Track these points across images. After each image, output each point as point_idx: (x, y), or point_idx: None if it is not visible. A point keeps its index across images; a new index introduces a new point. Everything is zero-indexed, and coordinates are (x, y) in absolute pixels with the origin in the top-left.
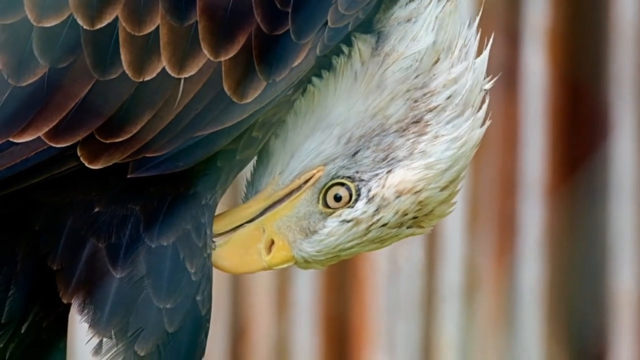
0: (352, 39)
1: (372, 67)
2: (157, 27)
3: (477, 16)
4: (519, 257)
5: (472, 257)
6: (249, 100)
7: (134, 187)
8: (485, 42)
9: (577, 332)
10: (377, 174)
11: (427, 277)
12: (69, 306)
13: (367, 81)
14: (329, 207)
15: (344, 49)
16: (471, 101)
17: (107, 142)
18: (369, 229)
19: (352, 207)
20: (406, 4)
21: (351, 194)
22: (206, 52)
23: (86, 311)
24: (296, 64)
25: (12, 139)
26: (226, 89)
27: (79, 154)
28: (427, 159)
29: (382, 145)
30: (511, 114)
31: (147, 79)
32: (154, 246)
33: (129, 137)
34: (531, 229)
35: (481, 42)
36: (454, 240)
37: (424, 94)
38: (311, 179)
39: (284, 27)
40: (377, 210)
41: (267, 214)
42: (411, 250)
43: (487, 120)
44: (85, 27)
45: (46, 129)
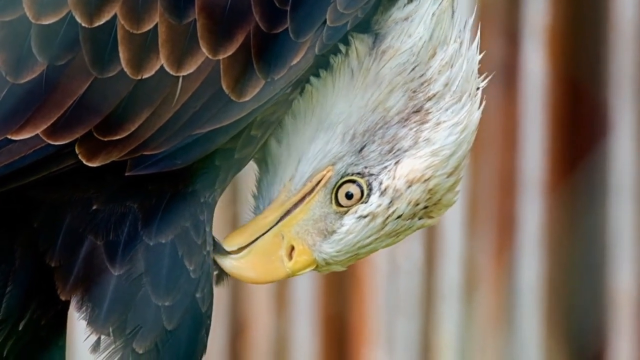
0: (350, 38)
1: (369, 63)
2: (156, 25)
3: (473, 12)
4: (518, 256)
5: (472, 255)
6: (248, 98)
7: (132, 185)
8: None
9: (576, 330)
10: (385, 167)
11: (426, 276)
12: (68, 304)
13: (364, 75)
14: (341, 205)
15: (342, 48)
16: (468, 89)
17: (105, 139)
18: (385, 223)
19: (366, 202)
20: (404, 6)
21: (362, 190)
22: (205, 50)
23: (84, 308)
24: (295, 62)
25: (10, 137)
26: (224, 87)
27: (77, 152)
28: (432, 146)
29: (386, 137)
30: (510, 113)
31: (146, 76)
32: (152, 244)
33: (127, 134)
34: (530, 228)
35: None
36: (453, 238)
37: (422, 83)
38: (322, 180)
39: (282, 26)
40: (391, 202)
41: (283, 221)
42: (410, 248)
43: (483, 102)
44: (83, 24)
45: (44, 127)
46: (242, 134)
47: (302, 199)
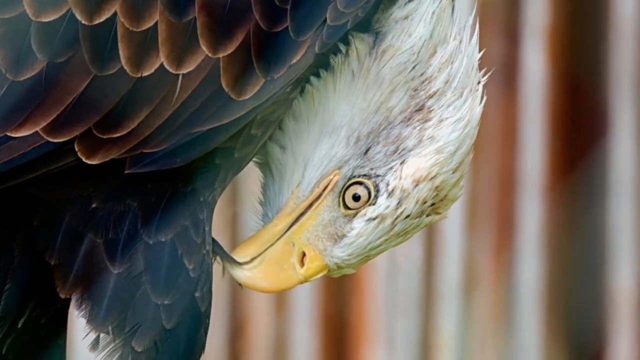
0: (350, 37)
1: (369, 63)
2: (156, 23)
3: (473, 11)
4: (517, 255)
5: (471, 254)
6: (247, 97)
7: (131, 183)
8: (479, 34)
9: (576, 330)
10: (391, 167)
11: (425, 275)
12: (68, 303)
13: (365, 76)
14: (349, 208)
15: (342, 48)
16: (469, 84)
17: (105, 137)
18: (394, 223)
19: (374, 203)
20: (405, 4)
21: (370, 191)
22: (204, 48)
23: (83, 306)
24: (295, 61)
25: (9, 134)
26: (224, 86)
27: (77, 149)
28: (436, 144)
29: (390, 137)
30: (510, 112)
31: (145, 74)
32: (151, 242)
33: (126, 132)
34: (530, 227)
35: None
36: (452, 238)
37: (423, 82)
38: (329, 185)
39: (282, 24)
40: (399, 202)
41: (293, 228)
42: (410, 248)
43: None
44: (83, 22)
45: (44, 124)
46: (242, 132)
47: (311, 205)
